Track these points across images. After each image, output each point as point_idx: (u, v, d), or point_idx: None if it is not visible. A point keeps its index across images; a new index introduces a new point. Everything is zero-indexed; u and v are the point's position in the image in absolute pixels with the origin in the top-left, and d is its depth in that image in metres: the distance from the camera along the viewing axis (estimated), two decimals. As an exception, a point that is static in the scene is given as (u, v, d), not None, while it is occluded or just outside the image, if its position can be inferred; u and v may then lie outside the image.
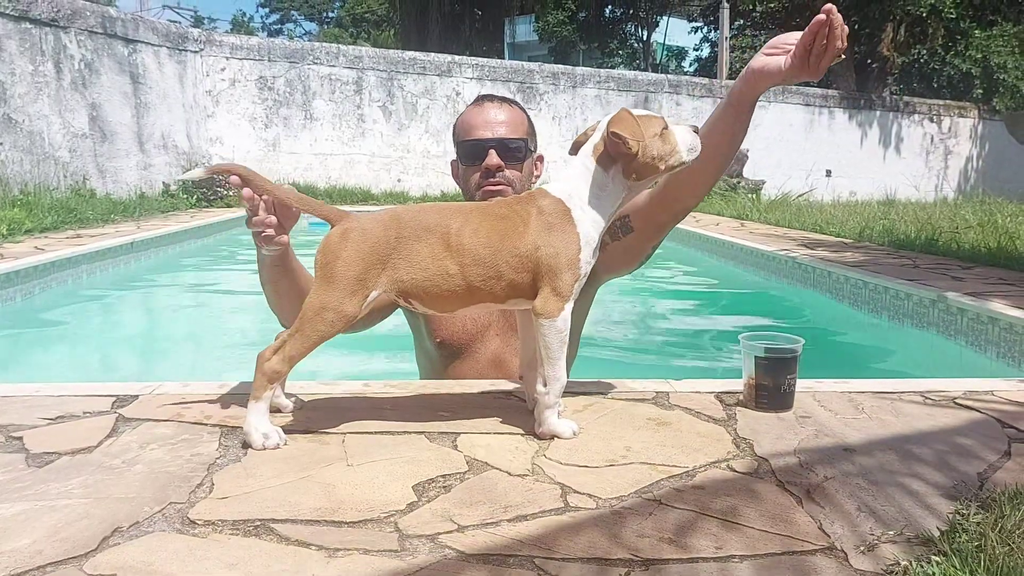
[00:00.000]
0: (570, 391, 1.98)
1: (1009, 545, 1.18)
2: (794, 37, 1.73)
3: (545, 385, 1.66)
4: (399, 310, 2.29)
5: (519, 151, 2.28)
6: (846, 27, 1.66)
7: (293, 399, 1.84)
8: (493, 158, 2.24)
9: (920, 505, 1.39)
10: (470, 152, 2.28)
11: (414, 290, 1.62)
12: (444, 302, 1.65)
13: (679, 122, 1.75)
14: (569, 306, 1.63)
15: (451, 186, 12.57)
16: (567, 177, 1.70)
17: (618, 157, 1.67)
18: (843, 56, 1.71)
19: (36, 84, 8.45)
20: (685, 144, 1.70)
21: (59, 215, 7.13)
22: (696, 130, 1.73)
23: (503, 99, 2.36)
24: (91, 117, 9.29)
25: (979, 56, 20.73)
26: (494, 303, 1.68)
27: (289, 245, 1.85)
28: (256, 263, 1.89)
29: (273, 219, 1.71)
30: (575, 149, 1.75)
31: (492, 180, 2.25)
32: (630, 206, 2.06)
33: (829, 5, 1.64)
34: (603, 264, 2.16)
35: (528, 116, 2.39)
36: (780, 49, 1.76)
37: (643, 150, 1.65)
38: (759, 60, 1.79)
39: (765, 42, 1.82)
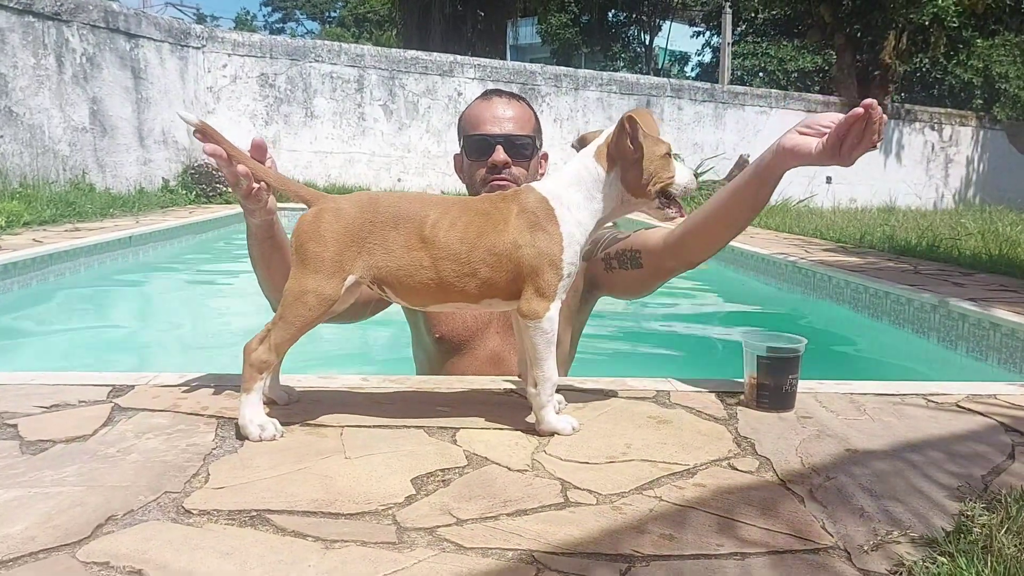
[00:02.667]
0: (571, 389, 1.97)
1: (1016, 545, 1.16)
2: (829, 119, 1.69)
3: (536, 386, 1.64)
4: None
5: (526, 148, 2.26)
6: (885, 117, 1.64)
7: (289, 391, 1.82)
8: (500, 154, 2.21)
9: (924, 505, 1.37)
10: (477, 147, 2.26)
11: (388, 278, 1.60)
12: (416, 295, 1.63)
13: (665, 120, 1.73)
14: (555, 306, 1.60)
15: (452, 186, 12.56)
16: (560, 176, 1.67)
17: (620, 159, 1.63)
18: (876, 148, 1.68)
19: (38, 77, 8.42)
20: (682, 178, 1.66)
21: (58, 208, 7.11)
22: (697, 176, 1.71)
23: (511, 95, 2.34)
24: (92, 111, 9.26)
25: (981, 65, 20.78)
26: (467, 302, 1.64)
27: (277, 219, 1.83)
28: (247, 247, 1.88)
29: (244, 169, 1.65)
30: (581, 143, 1.73)
31: (498, 176, 2.23)
32: (642, 243, 2.03)
33: (870, 100, 1.61)
34: (607, 284, 2.16)
35: (535, 113, 2.37)
36: (814, 130, 1.72)
37: (644, 161, 1.60)
38: (791, 139, 1.74)
39: (767, 49, 1.80)
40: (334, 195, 1.65)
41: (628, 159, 1.62)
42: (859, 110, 1.61)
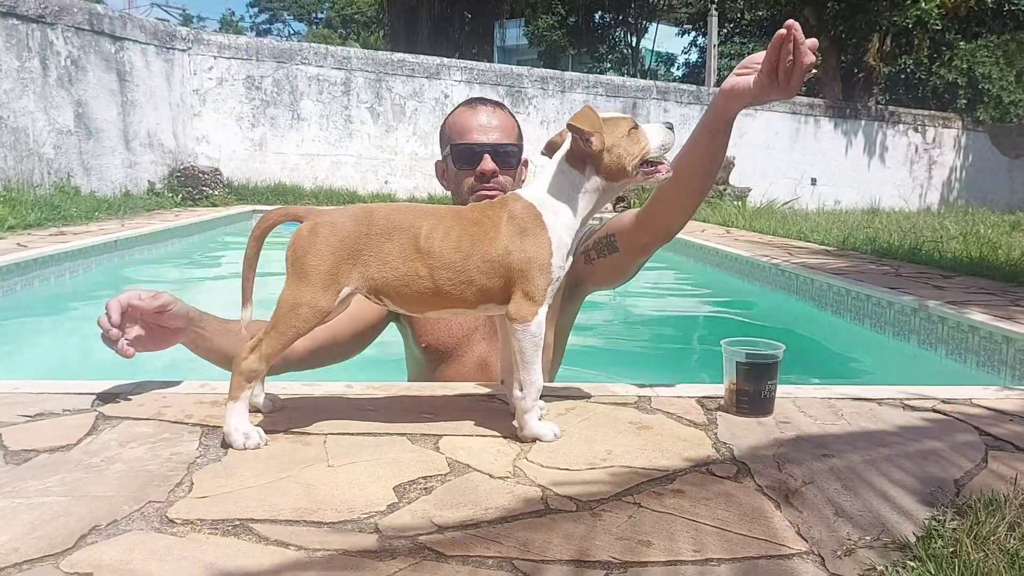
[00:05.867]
0: (553, 395, 1.98)
1: (984, 551, 1.19)
2: (762, 55, 1.72)
3: (521, 390, 1.66)
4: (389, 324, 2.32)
5: (512, 157, 2.29)
6: (813, 41, 1.65)
7: (273, 398, 1.83)
8: (488, 163, 2.24)
9: (897, 511, 1.40)
10: (464, 155, 2.27)
11: (384, 289, 1.62)
12: (415, 303, 1.65)
13: (651, 121, 1.75)
14: (543, 311, 1.63)
15: (438, 189, 12.55)
16: (540, 181, 1.70)
17: (586, 157, 1.67)
18: (815, 71, 1.70)
19: (22, 80, 8.38)
20: (656, 140, 1.70)
21: (43, 212, 7.07)
22: (671, 127, 1.73)
23: (495, 103, 2.36)
24: (77, 114, 9.22)
25: (964, 66, 20.95)
26: (465, 308, 1.67)
27: (194, 329, 1.95)
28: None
29: (115, 332, 1.80)
30: (549, 149, 1.76)
31: (486, 185, 2.25)
32: (616, 227, 2.07)
33: (790, 21, 1.64)
34: (590, 277, 2.18)
35: (517, 121, 2.40)
36: (751, 69, 1.75)
37: (608, 148, 1.65)
38: (730, 80, 1.78)
39: (753, 50, 1.83)
40: (327, 208, 1.67)
41: (595, 157, 1.66)
42: (782, 31, 1.63)
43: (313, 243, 1.58)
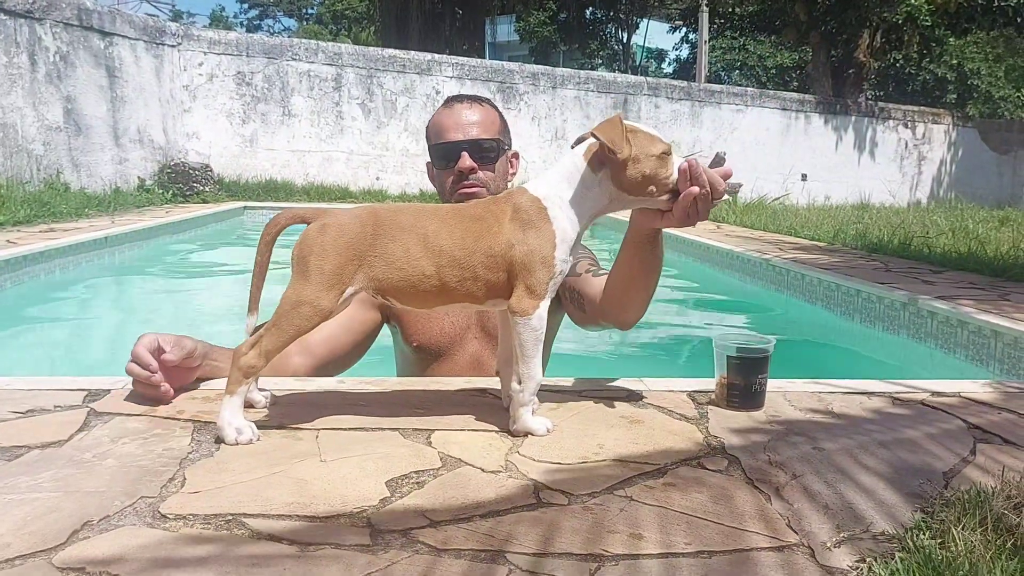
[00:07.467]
0: (545, 389, 1.99)
1: (971, 543, 1.20)
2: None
3: (519, 383, 1.67)
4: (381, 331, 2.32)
5: (492, 151, 2.26)
6: (727, 169, 1.66)
7: (267, 394, 1.83)
8: (466, 161, 2.23)
9: (886, 503, 1.41)
10: (442, 155, 2.27)
11: (391, 289, 1.63)
12: (422, 301, 1.66)
13: (644, 120, 1.74)
14: (544, 304, 1.64)
15: (431, 185, 12.54)
16: (549, 175, 1.70)
17: (606, 162, 1.66)
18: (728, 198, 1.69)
19: (10, 76, 8.33)
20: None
21: (32, 209, 7.04)
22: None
23: (474, 98, 2.34)
24: (66, 110, 9.18)
25: (954, 62, 21.03)
26: (473, 303, 1.68)
27: (207, 364, 1.96)
28: None
29: (157, 377, 1.79)
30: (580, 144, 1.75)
31: (466, 183, 2.24)
32: (586, 292, 2.04)
33: (691, 170, 1.61)
34: (562, 302, 2.17)
35: (500, 113, 2.38)
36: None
37: (632, 162, 1.62)
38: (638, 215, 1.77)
39: (744, 45, 1.82)
40: (335, 209, 1.67)
41: (617, 164, 1.64)
42: (694, 189, 1.61)
43: (321, 243, 1.59)
